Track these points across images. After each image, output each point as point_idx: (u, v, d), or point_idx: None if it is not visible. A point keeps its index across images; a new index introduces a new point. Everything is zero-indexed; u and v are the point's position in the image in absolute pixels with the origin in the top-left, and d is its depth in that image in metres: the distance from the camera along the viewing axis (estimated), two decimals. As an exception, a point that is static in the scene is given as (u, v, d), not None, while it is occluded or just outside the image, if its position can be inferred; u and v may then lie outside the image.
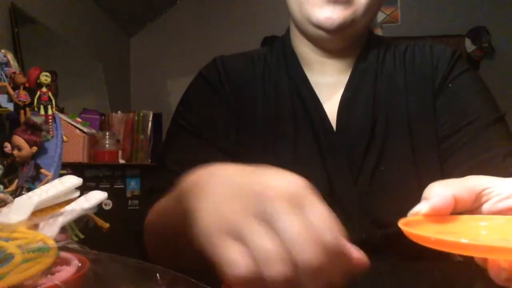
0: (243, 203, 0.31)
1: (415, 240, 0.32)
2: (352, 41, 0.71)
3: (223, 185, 0.33)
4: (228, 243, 0.30)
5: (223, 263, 0.29)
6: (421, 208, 0.36)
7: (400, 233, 0.65)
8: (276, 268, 0.28)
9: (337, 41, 0.70)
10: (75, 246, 0.37)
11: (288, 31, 0.77)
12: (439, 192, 0.37)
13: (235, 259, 0.29)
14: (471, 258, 0.41)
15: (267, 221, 0.29)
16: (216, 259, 0.30)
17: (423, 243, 0.31)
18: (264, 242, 0.28)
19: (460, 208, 0.36)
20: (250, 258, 0.29)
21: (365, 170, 0.65)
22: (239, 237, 0.29)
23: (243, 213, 0.30)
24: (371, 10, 0.68)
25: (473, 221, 0.36)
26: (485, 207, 0.37)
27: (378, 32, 3.30)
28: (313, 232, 0.28)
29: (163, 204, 0.55)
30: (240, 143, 0.70)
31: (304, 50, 0.74)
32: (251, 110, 0.71)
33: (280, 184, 0.31)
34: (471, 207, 0.37)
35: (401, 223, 0.35)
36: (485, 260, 0.32)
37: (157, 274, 0.35)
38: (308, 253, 0.28)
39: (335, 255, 0.29)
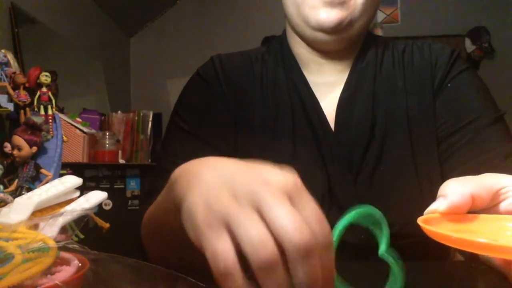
0: (234, 193, 0.30)
1: (435, 238, 0.31)
2: (350, 43, 0.71)
3: (214, 174, 0.33)
4: (215, 233, 0.29)
5: (209, 254, 0.29)
6: (439, 205, 0.36)
7: (399, 233, 0.65)
8: (264, 254, 0.27)
9: (335, 43, 0.70)
10: (75, 246, 0.37)
11: (284, 32, 0.77)
12: (457, 190, 0.36)
13: (220, 250, 0.28)
14: (473, 256, 0.41)
15: (258, 211, 0.29)
16: (203, 250, 0.29)
17: (443, 242, 0.31)
18: (253, 228, 0.28)
19: (477, 207, 0.36)
20: (236, 249, 0.28)
21: (364, 170, 0.65)
22: (228, 226, 0.29)
23: (233, 202, 0.30)
24: (368, 11, 0.68)
25: (493, 221, 0.35)
26: (503, 206, 0.36)
27: (378, 32, 3.30)
28: (302, 221, 0.28)
29: (156, 200, 0.55)
30: (238, 143, 0.70)
31: (301, 50, 0.74)
32: (250, 110, 0.71)
33: (273, 177, 0.31)
34: (488, 205, 0.37)
35: (421, 221, 0.34)
36: (505, 262, 0.32)
37: (157, 274, 0.35)
38: (297, 240, 0.27)
39: (323, 246, 0.29)
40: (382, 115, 0.68)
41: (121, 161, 2.31)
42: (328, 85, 0.71)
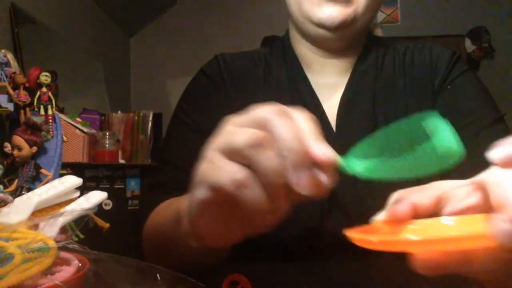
0: (236, 123, 0.35)
1: (360, 245, 0.32)
2: (352, 41, 0.71)
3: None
4: (223, 158, 0.34)
5: (220, 174, 0.33)
6: (380, 215, 0.37)
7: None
8: (269, 158, 0.32)
9: (338, 40, 0.70)
10: (75, 246, 0.37)
11: (287, 32, 0.77)
12: (397, 198, 0.37)
13: (229, 168, 0.33)
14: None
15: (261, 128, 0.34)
16: (211, 175, 0.34)
17: (368, 247, 0.32)
18: (257, 135, 0.33)
19: (423, 213, 0.37)
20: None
21: None
22: (235, 150, 0.33)
23: (238, 125, 0.35)
24: (371, 8, 0.68)
25: (433, 221, 0.36)
26: (446, 210, 0.37)
27: (378, 32, 3.30)
28: (300, 130, 0.34)
29: (167, 205, 0.55)
30: None
31: (304, 51, 0.74)
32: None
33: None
34: (433, 211, 0.37)
35: (350, 231, 0.34)
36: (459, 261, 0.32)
37: (157, 274, 0.35)
38: (296, 146, 0.33)
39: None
40: (383, 117, 0.68)
41: (121, 161, 2.31)
42: (330, 86, 0.72)
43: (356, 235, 0.33)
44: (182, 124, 0.72)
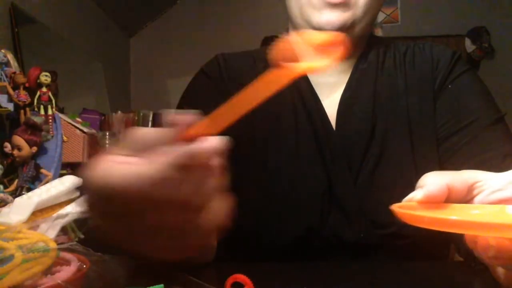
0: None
1: (406, 220, 0.33)
2: (352, 44, 0.71)
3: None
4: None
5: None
6: (416, 194, 0.37)
7: (398, 233, 0.65)
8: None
9: None
10: (75, 246, 0.37)
11: (288, 32, 0.78)
12: (433, 181, 0.37)
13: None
14: (471, 258, 0.41)
15: None
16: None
17: (414, 223, 0.32)
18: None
19: (454, 199, 0.37)
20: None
21: (364, 169, 0.65)
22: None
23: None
24: (370, 12, 0.68)
25: (466, 209, 0.37)
26: (477, 199, 0.38)
27: (378, 32, 3.30)
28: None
29: None
30: (240, 142, 0.71)
31: None
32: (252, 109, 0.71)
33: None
34: (464, 198, 0.38)
35: (394, 206, 0.35)
36: (474, 240, 0.33)
37: (158, 275, 0.35)
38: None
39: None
40: (383, 115, 0.68)
41: (121, 161, 2.30)
42: (330, 85, 0.72)
43: (404, 210, 0.33)
44: None
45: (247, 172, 0.67)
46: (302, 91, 0.70)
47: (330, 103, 0.70)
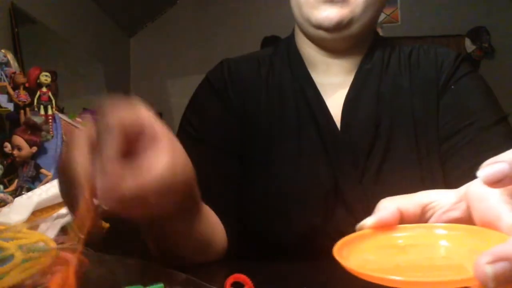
0: None
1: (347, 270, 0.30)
2: (355, 41, 0.71)
3: None
4: None
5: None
6: (367, 221, 0.37)
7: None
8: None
9: (339, 41, 0.70)
10: (75, 246, 0.37)
11: (293, 33, 0.78)
12: (385, 206, 0.38)
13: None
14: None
15: None
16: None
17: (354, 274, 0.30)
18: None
19: (407, 221, 0.37)
20: None
21: (370, 168, 0.65)
22: None
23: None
24: (370, 9, 0.68)
25: (421, 228, 0.36)
26: (431, 221, 0.37)
27: (379, 32, 3.31)
28: None
29: None
30: (245, 145, 0.71)
31: (309, 50, 0.74)
32: (256, 111, 0.72)
33: None
34: (420, 219, 0.38)
35: (338, 246, 0.33)
36: None
37: (159, 275, 0.35)
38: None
39: None
40: (388, 115, 0.68)
41: (121, 161, 2.30)
42: (334, 85, 0.72)
43: (342, 260, 0.30)
44: (186, 133, 0.73)
45: (252, 172, 0.68)
46: (306, 92, 0.71)
47: (335, 104, 0.70)
